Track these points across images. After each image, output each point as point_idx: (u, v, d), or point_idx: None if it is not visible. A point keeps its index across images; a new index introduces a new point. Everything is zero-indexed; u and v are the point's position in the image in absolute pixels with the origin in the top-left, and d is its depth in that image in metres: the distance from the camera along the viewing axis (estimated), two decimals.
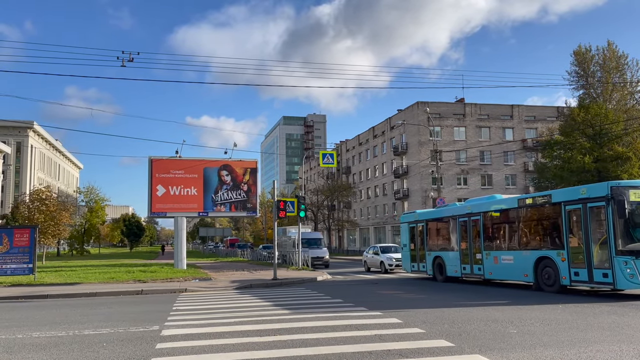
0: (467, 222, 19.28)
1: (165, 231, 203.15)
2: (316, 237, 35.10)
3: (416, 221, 22.98)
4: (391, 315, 10.65)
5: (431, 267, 21.35)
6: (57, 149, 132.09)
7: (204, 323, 10.16)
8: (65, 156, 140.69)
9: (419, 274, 23.03)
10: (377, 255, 28.28)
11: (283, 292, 16.78)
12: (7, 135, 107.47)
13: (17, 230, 21.25)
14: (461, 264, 19.44)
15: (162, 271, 25.65)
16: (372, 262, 28.88)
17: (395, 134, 63.60)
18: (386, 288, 18.17)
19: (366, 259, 29.74)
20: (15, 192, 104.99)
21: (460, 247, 19.66)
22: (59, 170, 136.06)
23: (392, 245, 30.24)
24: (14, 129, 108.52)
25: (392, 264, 26.86)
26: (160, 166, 31.17)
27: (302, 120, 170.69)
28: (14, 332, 9.50)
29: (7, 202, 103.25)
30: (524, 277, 16.32)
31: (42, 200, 39.57)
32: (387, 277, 24.15)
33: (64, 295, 16.99)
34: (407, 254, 23.55)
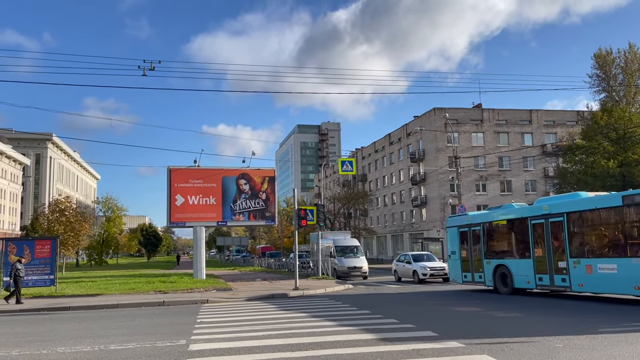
0: (545, 225, 16.39)
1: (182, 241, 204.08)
2: (352, 245, 31.80)
3: (469, 225, 20.28)
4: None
5: (491, 277, 18.70)
6: (75, 160, 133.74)
7: (231, 337, 9.85)
8: (83, 167, 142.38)
9: (473, 285, 20.39)
10: (409, 264, 26.60)
11: (307, 303, 16.41)
12: (26, 147, 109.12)
13: (39, 242, 21.22)
14: (536, 274, 16.65)
15: (182, 281, 25.46)
16: (403, 272, 27.13)
17: (412, 140, 63.07)
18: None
19: (396, 268, 27.99)
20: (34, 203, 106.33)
21: (535, 254, 16.83)
22: (77, 181, 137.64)
23: (424, 254, 28.49)
24: (34, 140, 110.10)
25: (426, 273, 25.19)
26: (179, 176, 31.07)
27: (317, 129, 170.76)
28: (38, 347, 9.29)
29: (27, 213, 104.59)
30: (634, 289, 13.64)
31: (62, 211, 39.80)
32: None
33: (85, 307, 16.84)
34: (457, 263, 20.81)
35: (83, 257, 69.99)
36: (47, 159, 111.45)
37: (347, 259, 29.59)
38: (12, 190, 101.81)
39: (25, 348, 9.27)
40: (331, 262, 30.07)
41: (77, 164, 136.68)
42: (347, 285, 23.48)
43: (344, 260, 29.30)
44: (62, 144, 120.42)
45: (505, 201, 54.97)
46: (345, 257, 29.85)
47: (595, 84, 42.40)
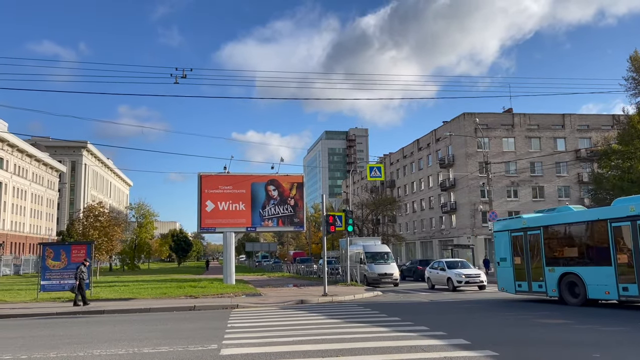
0: (633, 228, 14.56)
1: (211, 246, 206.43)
2: (383, 251, 30.95)
3: (525, 229, 18.36)
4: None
5: (555, 286, 16.84)
6: (108, 167, 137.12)
7: (262, 342, 9.91)
8: (116, 174, 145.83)
9: (529, 295, 18.57)
10: (443, 271, 25.75)
11: (336, 310, 16.39)
12: (63, 154, 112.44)
13: (75, 247, 21.79)
14: (618, 283, 14.76)
15: (212, 286, 25.75)
16: (437, 279, 26.26)
17: (441, 146, 62.46)
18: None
19: (430, 275, 27.20)
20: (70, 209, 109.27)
21: (617, 260, 15.00)
22: (111, 187, 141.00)
23: (458, 261, 27.57)
24: (69, 148, 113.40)
25: (460, 280, 24.38)
26: (209, 182, 31.55)
27: (344, 135, 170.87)
28: (75, 350, 9.53)
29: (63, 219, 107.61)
30: None
31: (96, 216, 40.73)
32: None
33: (119, 311, 17.19)
34: (509, 271, 18.91)
35: (116, 262, 71.43)
36: (82, 166, 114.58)
37: (377, 265, 29.01)
38: (49, 197, 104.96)
39: (62, 350, 9.52)
40: (361, 269, 29.63)
41: (111, 170, 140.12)
42: (377, 292, 23.33)
43: (374, 267, 28.80)
44: (96, 151, 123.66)
45: (537, 207, 53.94)
46: (376, 263, 29.28)
47: (632, 87, 41.15)
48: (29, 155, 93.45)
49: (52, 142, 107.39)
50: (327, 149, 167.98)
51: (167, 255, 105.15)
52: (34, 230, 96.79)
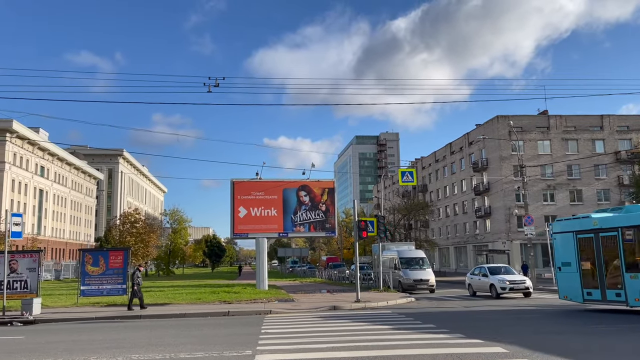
0: None
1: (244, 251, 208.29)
2: (418, 257, 30.24)
3: (596, 230, 16.50)
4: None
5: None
6: (144, 174, 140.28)
7: (295, 348, 9.93)
8: (151, 180, 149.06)
9: (603, 305, 16.59)
10: (485, 277, 24.68)
11: (369, 316, 16.28)
12: (100, 162, 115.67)
13: (112, 253, 22.30)
14: None
15: (245, 292, 25.96)
16: (478, 285, 25.22)
17: (474, 149, 61.49)
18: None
19: (471, 282, 26.16)
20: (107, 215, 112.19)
21: None
22: (146, 194, 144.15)
23: (501, 266, 26.49)
24: (106, 156, 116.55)
25: (504, 287, 23.22)
26: (242, 188, 31.84)
27: (375, 139, 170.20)
28: (114, 354, 9.74)
29: (101, 225, 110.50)
30: None
31: (132, 223, 41.69)
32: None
33: (155, 316, 17.51)
34: (575, 277, 17.04)
35: (152, 267, 72.84)
36: (119, 173, 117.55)
37: (412, 271, 28.44)
38: (88, 204, 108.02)
39: (102, 355, 9.75)
40: (394, 274, 29.26)
41: (146, 177, 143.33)
42: (410, 298, 23.07)
43: (409, 272, 28.24)
44: (132, 159, 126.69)
45: (576, 211, 52.47)
46: (411, 269, 28.71)
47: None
48: (69, 163, 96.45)
49: (90, 150, 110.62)
50: (357, 154, 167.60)
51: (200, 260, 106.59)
52: (74, 237, 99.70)
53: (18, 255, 20.22)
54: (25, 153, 79.35)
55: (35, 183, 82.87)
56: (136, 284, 19.48)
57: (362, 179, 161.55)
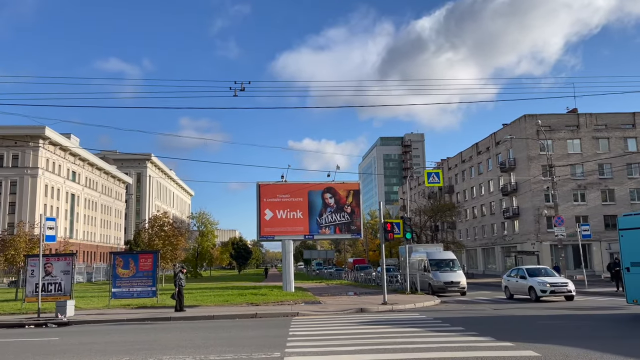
0: None
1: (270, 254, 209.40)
2: (448, 258, 29.23)
3: None
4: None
5: None
6: (171, 178, 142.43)
7: (323, 351, 9.95)
8: (178, 184, 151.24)
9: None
10: (524, 279, 23.27)
11: (396, 318, 16.19)
12: (129, 167, 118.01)
13: (142, 255, 22.74)
14: None
15: (272, 294, 26.11)
16: (516, 288, 23.84)
17: (501, 149, 60.57)
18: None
19: (507, 284, 24.73)
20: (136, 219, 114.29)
21: None
22: (173, 197, 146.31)
23: (541, 267, 25.05)
24: (135, 160, 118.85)
25: (545, 290, 21.85)
26: (268, 191, 32.08)
27: (400, 140, 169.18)
28: (145, 356, 9.93)
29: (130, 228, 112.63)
30: None
31: (160, 226, 42.30)
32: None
33: (184, 318, 17.76)
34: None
35: None
36: (147, 177, 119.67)
37: (442, 273, 27.43)
38: (117, 207, 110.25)
39: (134, 356, 9.95)
40: (424, 276, 28.64)
41: (173, 181, 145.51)
42: (438, 300, 22.85)
43: (439, 275, 27.38)
44: (160, 163, 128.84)
45: (608, 211, 51.20)
46: (441, 271, 27.76)
47: None
48: (99, 168, 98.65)
49: (119, 155, 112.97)
50: (382, 155, 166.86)
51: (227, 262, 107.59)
52: (104, 240, 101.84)
53: (52, 259, 20.80)
54: (57, 159, 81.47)
55: (67, 188, 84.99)
56: (179, 285, 19.71)
57: (387, 180, 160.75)
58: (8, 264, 33.97)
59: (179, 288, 19.68)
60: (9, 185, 75.13)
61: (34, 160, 75.23)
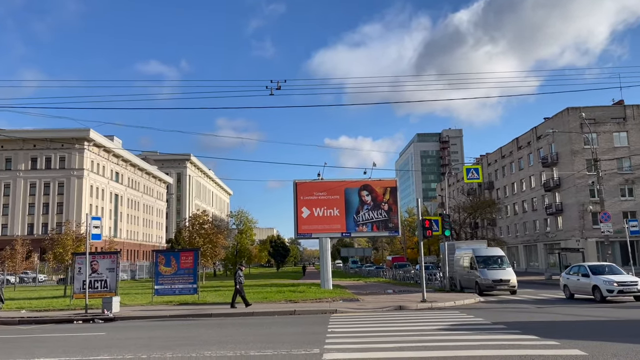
0: None
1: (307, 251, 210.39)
2: (496, 255, 27.58)
3: None
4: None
5: None
6: (210, 177, 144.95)
7: (363, 348, 9.94)
8: (216, 183, 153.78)
9: None
10: (586, 277, 21.26)
11: (436, 316, 16.00)
12: (169, 167, 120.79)
13: (183, 253, 23.24)
14: None
15: (310, 291, 26.23)
16: (577, 287, 21.86)
17: (542, 144, 58.92)
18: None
19: (567, 282, 22.65)
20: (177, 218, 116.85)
21: None
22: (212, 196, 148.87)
23: (605, 265, 22.88)
24: (175, 161, 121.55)
25: (612, 289, 19.80)
26: (304, 189, 32.21)
27: (437, 137, 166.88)
28: (188, 351, 10.14)
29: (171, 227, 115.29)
30: None
31: (201, 224, 43.12)
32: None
33: (225, 315, 18.06)
34: None
35: (219, 267, 75.07)
36: (187, 177, 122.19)
37: (491, 271, 25.79)
38: (158, 207, 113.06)
39: (177, 351, 10.18)
40: (469, 274, 27.17)
41: (212, 180, 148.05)
42: (478, 298, 22.45)
43: (487, 272, 25.63)
44: (199, 163, 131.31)
45: None
46: (489, 268, 26.03)
47: None
48: (140, 169, 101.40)
49: (159, 156, 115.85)
50: (419, 152, 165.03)
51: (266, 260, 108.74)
52: (146, 238, 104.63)
53: (98, 257, 21.51)
54: (101, 160, 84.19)
55: (111, 188, 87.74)
56: (238, 282, 19.97)
57: (425, 177, 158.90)
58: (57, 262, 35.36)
59: (238, 285, 19.90)
60: (56, 186, 78.15)
61: (79, 161, 77.98)
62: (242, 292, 20.00)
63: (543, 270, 49.14)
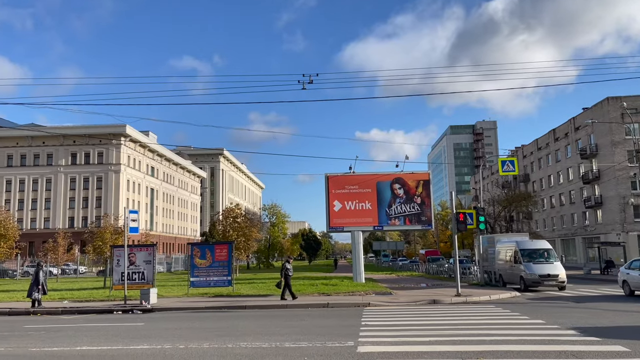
0: None
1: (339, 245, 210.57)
2: (543, 248, 25.66)
3: None
4: None
5: None
6: (242, 171, 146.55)
7: (397, 341, 9.91)
8: (249, 177, 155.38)
9: None
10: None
11: (471, 311, 15.79)
12: (203, 162, 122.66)
13: (218, 246, 23.59)
14: None
15: (342, 284, 26.27)
16: (638, 283, 20.23)
17: (581, 135, 57.24)
18: None
19: (627, 278, 20.95)
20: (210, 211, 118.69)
21: None
22: (245, 190, 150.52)
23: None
24: (208, 155, 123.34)
25: None
26: (336, 182, 32.22)
27: (471, 129, 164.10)
28: (224, 342, 10.32)
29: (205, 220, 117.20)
30: None
31: (234, 218, 43.64)
32: None
33: (259, 307, 18.28)
34: None
35: (253, 260, 75.96)
36: (220, 171, 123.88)
37: (537, 265, 24.09)
38: (193, 201, 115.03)
39: (214, 342, 10.37)
40: (511, 268, 25.59)
41: (245, 174, 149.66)
42: (514, 293, 22.04)
43: (533, 267, 23.94)
44: (232, 157, 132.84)
45: None
46: (535, 262, 24.34)
47: None
48: (175, 163, 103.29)
49: (193, 150, 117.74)
50: (452, 144, 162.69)
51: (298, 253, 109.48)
52: (181, 232, 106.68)
53: (135, 249, 22.05)
54: (137, 155, 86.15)
55: (146, 182, 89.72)
56: (286, 275, 20.10)
57: (458, 170, 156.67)
58: (96, 254, 36.43)
59: (285, 277, 20.04)
60: (95, 181, 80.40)
61: (116, 157, 79.97)
62: (289, 285, 20.08)
63: (582, 265, 47.88)
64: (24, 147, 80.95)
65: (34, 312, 18.35)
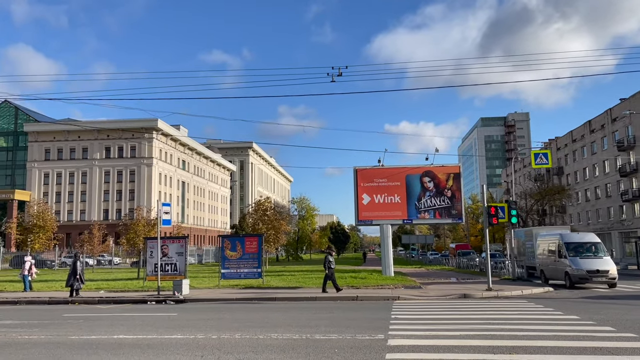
0: None
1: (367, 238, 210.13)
2: (591, 242, 23.74)
3: None
4: None
5: None
6: (271, 165, 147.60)
7: (428, 335, 9.88)
8: (278, 170, 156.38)
9: None
10: None
11: (503, 305, 15.59)
12: (232, 155, 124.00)
13: (248, 238, 23.87)
14: None
15: (371, 278, 26.26)
16: None
17: (618, 126, 55.53)
18: None
19: None
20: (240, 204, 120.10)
21: None
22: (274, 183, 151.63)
23: None
24: (238, 149, 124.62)
25: None
26: (365, 175, 32.13)
27: (502, 121, 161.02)
28: (255, 333, 10.47)
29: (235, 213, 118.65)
30: None
31: (264, 211, 44.01)
32: None
33: (289, 299, 18.45)
34: None
35: (282, 252, 76.56)
36: (249, 164, 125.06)
37: (584, 260, 22.46)
38: (223, 194, 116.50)
39: (245, 332, 10.54)
40: (554, 263, 24.19)
41: (274, 168, 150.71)
42: (547, 288, 21.64)
43: (579, 262, 22.30)
44: (261, 151, 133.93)
45: None
46: (582, 257, 22.71)
47: None
48: (205, 157, 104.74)
49: (223, 144, 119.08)
50: (483, 137, 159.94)
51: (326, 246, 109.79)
52: (212, 224, 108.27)
53: (168, 241, 22.50)
54: (169, 149, 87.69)
55: (178, 176, 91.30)
56: (328, 267, 20.07)
57: (489, 162, 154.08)
58: (130, 246, 37.32)
59: (328, 270, 20.08)
60: (128, 174, 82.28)
61: (149, 150, 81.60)
62: (333, 277, 20.05)
63: (618, 260, 46.61)
64: (60, 142, 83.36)
65: (72, 301, 18.96)
